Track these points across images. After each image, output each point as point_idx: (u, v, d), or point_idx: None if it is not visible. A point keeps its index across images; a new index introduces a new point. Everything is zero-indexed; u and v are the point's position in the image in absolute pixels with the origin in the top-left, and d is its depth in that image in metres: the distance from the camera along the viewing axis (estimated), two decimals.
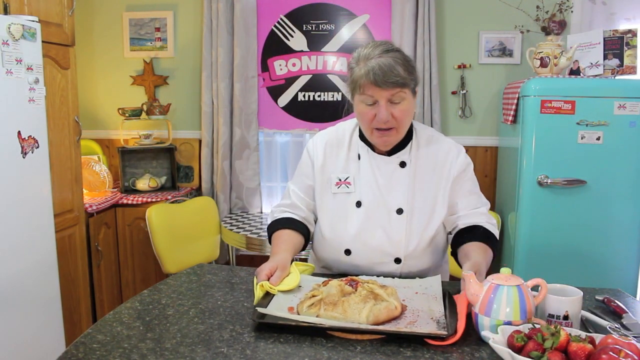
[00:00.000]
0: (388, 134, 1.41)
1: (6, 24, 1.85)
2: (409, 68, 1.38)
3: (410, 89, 1.38)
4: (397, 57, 1.36)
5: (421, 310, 1.19)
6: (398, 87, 1.34)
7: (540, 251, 2.49)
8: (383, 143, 1.45)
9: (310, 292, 1.23)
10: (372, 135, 1.43)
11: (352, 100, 1.46)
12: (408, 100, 1.39)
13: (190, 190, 3.23)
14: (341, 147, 1.54)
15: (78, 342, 1.07)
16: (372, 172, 1.48)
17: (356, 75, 1.38)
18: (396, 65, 1.34)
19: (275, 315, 1.13)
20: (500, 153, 3.00)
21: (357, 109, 1.44)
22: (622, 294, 1.35)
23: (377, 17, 3.09)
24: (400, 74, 1.34)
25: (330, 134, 1.58)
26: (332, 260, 1.53)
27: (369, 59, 1.36)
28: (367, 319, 1.11)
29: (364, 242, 1.46)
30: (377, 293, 1.18)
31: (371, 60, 1.35)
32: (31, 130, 2.00)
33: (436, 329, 1.09)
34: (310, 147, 1.58)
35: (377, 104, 1.37)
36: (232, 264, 3.09)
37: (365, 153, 1.50)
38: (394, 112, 1.37)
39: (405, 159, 1.48)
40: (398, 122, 1.38)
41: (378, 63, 1.33)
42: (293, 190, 1.58)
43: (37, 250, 2.06)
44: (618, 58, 2.49)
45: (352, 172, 1.50)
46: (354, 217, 1.48)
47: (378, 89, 1.34)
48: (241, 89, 3.14)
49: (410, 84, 1.38)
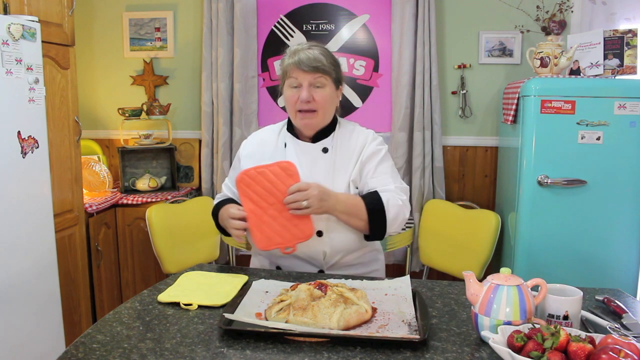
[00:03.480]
0: (310, 116, 1.57)
1: (6, 24, 1.85)
2: (332, 61, 1.58)
3: (332, 78, 1.57)
4: (322, 51, 1.57)
5: (392, 312, 1.19)
6: (319, 72, 1.54)
7: (540, 251, 2.49)
8: (305, 125, 1.60)
9: (279, 297, 1.22)
10: (296, 117, 1.60)
11: (282, 92, 1.63)
12: (329, 88, 1.57)
13: (190, 190, 3.23)
14: (269, 141, 1.69)
15: (78, 342, 1.07)
16: (297, 157, 1.61)
17: (285, 64, 1.59)
18: (319, 55, 1.55)
19: (244, 322, 1.11)
20: (500, 153, 3.00)
21: (285, 95, 1.61)
22: (622, 294, 1.35)
23: (377, 17, 3.09)
24: (322, 62, 1.54)
25: (259, 132, 1.78)
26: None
27: (297, 51, 1.57)
28: (337, 324, 1.11)
29: None
30: (347, 297, 1.17)
31: (299, 52, 1.56)
32: (31, 130, 2.00)
33: (408, 333, 1.08)
34: (242, 145, 1.74)
35: (300, 87, 1.55)
36: (232, 264, 3.09)
37: (291, 141, 1.66)
38: (315, 95, 1.54)
39: (327, 145, 1.63)
40: (319, 105, 1.55)
41: (305, 53, 1.55)
42: (226, 184, 1.75)
43: (37, 250, 2.06)
44: (618, 58, 2.48)
45: (279, 158, 1.62)
46: None
47: (301, 72, 1.53)
48: (241, 89, 3.14)
49: (332, 74, 1.57)
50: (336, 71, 1.59)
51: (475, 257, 2.54)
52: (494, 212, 2.67)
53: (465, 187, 3.15)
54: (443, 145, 3.08)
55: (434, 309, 1.26)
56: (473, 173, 3.13)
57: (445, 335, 1.11)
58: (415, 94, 2.98)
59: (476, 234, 2.58)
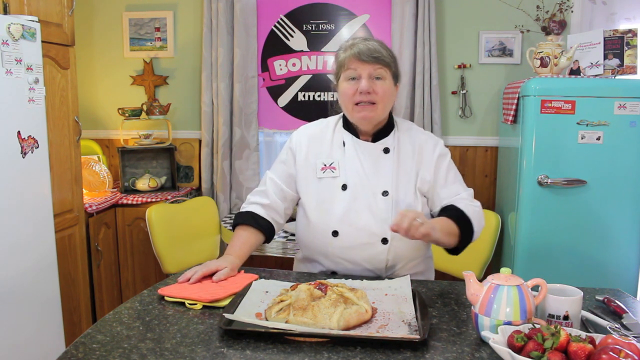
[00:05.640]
0: (368, 108, 1.46)
1: (6, 24, 1.85)
2: (392, 55, 1.50)
3: (391, 71, 1.49)
4: (381, 43, 1.49)
5: (392, 312, 1.19)
6: (380, 63, 1.45)
7: (540, 251, 2.48)
8: (362, 118, 1.49)
9: (279, 297, 1.21)
10: (353, 111, 1.49)
11: (338, 87, 1.54)
12: (389, 81, 1.48)
13: (190, 190, 3.23)
14: (324, 137, 1.60)
15: (78, 342, 1.07)
16: (357, 157, 1.53)
17: (341, 57, 1.50)
18: (379, 47, 1.47)
19: (244, 322, 1.11)
20: (501, 153, 3.00)
21: (341, 89, 1.51)
22: (622, 294, 1.35)
23: (377, 17, 3.09)
24: (382, 53, 1.46)
25: (312, 126, 1.66)
26: (319, 244, 1.54)
27: (355, 44, 1.48)
28: (337, 324, 1.10)
29: (350, 222, 1.49)
30: (347, 297, 1.17)
31: (357, 44, 1.47)
32: (31, 130, 2.00)
33: (408, 333, 1.07)
34: (294, 139, 1.63)
35: (359, 79, 1.45)
36: None
37: (349, 140, 1.56)
38: (375, 87, 1.45)
39: (388, 145, 1.54)
40: (379, 97, 1.45)
41: (364, 44, 1.46)
42: (270, 178, 1.63)
43: (37, 250, 2.06)
44: (618, 58, 2.48)
45: (337, 157, 1.55)
46: (340, 200, 1.51)
47: (361, 62, 1.44)
48: (241, 89, 3.14)
49: (392, 66, 1.49)
50: (395, 66, 1.50)
51: (475, 257, 2.54)
52: (494, 212, 2.67)
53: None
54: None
55: (434, 309, 1.26)
56: (473, 173, 3.13)
57: (445, 335, 1.11)
58: (415, 94, 2.98)
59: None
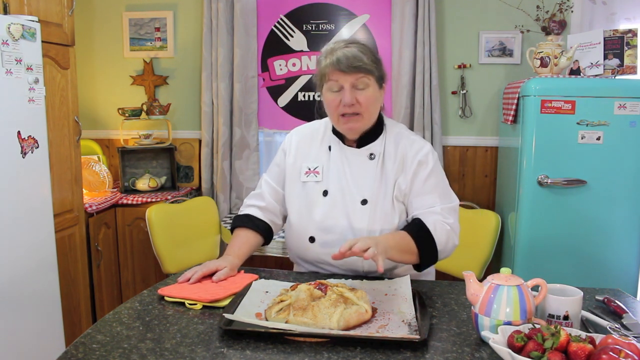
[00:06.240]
0: (354, 119, 1.44)
1: (6, 23, 1.85)
2: (374, 59, 1.44)
3: (374, 77, 1.44)
4: (361, 48, 1.43)
5: (391, 312, 1.19)
6: (361, 72, 1.40)
7: (540, 251, 2.48)
8: (349, 129, 1.47)
9: (278, 297, 1.21)
10: (339, 122, 1.47)
11: (322, 95, 1.50)
12: (372, 88, 1.43)
13: (190, 190, 3.23)
14: (314, 139, 1.60)
15: (78, 342, 1.07)
16: (341, 163, 1.52)
17: (322, 65, 1.45)
18: (359, 53, 1.40)
19: (244, 322, 1.11)
20: (501, 153, 3.00)
21: (325, 99, 1.49)
22: (622, 294, 1.35)
23: (377, 17, 3.09)
24: (364, 61, 1.40)
25: (304, 128, 1.67)
26: (298, 248, 1.55)
27: (334, 50, 1.42)
28: (337, 324, 1.10)
29: (327, 229, 1.49)
30: (347, 297, 1.17)
31: (336, 51, 1.41)
32: (31, 130, 2.00)
33: (408, 333, 1.07)
34: (286, 140, 1.65)
35: (342, 90, 1.41)
36: None
37: (336, 144, 1.55)
38: (359, 97, 1.41)
39: (374, 151, 1.51)
40: (363, 107, 1.42)
41: (343, 52, 1.40)
42: (265, 180, 1.65)
43: (37, 250, 2.06)
44: (618, 58, 2.48)
45: (322, 162, 1.55)
46: (320, 205, 1.51)
47: (342, 73, 1.39)
48: (241, 89, 3.14)
49: (374, 72, 1.43)
50: (378, 69, 1.45)
51: (475, 257, 2.54)
52: (494, 212, 2.67)
53: (465, 187, 3.15)
54: (443, 145, 3.08)
55: (434, 309, 1.26)
56: (473, 173, 3.13)
57: (445, 335, 1.11)
58: (415, 94, 2.98)
59: (476, 234, 2.58)
